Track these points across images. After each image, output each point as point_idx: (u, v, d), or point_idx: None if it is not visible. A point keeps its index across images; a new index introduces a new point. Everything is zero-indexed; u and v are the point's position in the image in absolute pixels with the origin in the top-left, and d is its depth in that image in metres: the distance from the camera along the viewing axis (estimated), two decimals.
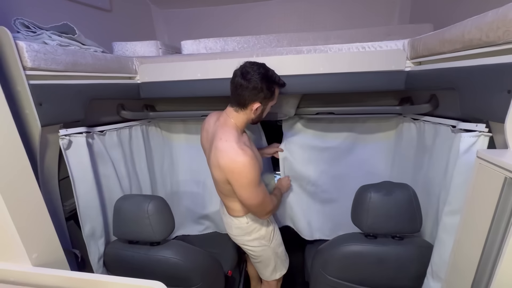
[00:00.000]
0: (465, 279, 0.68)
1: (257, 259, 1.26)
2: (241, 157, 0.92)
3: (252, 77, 0.93)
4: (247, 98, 0.96)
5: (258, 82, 0.93)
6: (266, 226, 1.20)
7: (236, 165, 0.93)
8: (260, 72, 0.94)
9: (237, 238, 1.23)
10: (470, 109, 0.78)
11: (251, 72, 0.93)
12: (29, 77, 0.82)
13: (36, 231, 0.78)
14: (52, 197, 1.00)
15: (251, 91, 0.94)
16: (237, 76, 0.96)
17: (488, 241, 0.61)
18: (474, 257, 0.64)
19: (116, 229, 1.09)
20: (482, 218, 0.61)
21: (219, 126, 1.03)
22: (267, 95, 0.98)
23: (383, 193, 0.98)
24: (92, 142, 1.14)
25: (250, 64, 0.96)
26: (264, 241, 1.20)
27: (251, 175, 0.94)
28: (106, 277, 0.67)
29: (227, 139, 0.96)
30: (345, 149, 1.53)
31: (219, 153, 0.95)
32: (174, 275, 1.05)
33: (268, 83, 0.96)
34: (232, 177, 0.96)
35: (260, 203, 1.02)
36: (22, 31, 0.96)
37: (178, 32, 2.33)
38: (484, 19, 0.67)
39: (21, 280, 0.72)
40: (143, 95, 1.33)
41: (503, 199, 0.56)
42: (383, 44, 1.11)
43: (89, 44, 1.14)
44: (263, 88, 0.95)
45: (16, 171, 0.73)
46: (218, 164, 0.96)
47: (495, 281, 0.57)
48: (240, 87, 0.95)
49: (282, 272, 1.33)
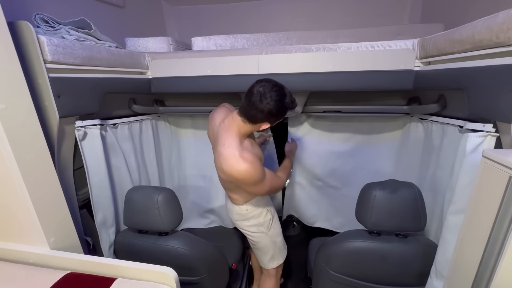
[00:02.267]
0: (466, 277, 0.69)
1: (255, 245, 1.31)
2: (242, 166, 0.95)
3: (269, 103, 0.90)
4: (259, 119, 0.97)
5: (273, 109, 0.92)
6: (264, 215, 1.25)
7: (239, 173, 0.96)
8: (278, 99, 0.91)
9: (237, 222, 1.28)
10: (478, 109, 0.79)
11: (268, 97, 0.90)
12: (49, 70, 0.85)
13: (54, 217, 0.82)
14: (67, 186, 1.04)
15: (265, 115, 0.94)
16: (254, 96, 0.92)
17: (490, 240, 0.62)
18: (476, 256, 0.65)
19: (126, 219, 1.13)
20: (486, 217, 0.62)
21: (222, 130, 1.04)
22: (278, 118, 1.00)
23: (388, 191, 0.99)
24: (105, 134, 1.18)
25: (270, 88, 0.91)
26: (262, 228, 1.25)
27: (254, 177, 0.99)
28: (121, 262, 0.71)
29: (230, 145, 0.98)
30: (352, 147, 1.55)
31: (223, 160, 0.98)
32: (181, 265, 1.08)
33: (282, 110, 0.95)
34: (237, 181, 1.01)
35: (268, 190, 1.08)
36: (42, 26, 0.99)
37: (188, 29, 2.36)
38: (495, 20, 0.68)
39: (40, 262, 0.77)
40: (154, 90, 1.36)
41: (507, 198, 0.57)
42: (393, 44, 1.12)
43: (104, 40, 1.17)
44: (276, 114, 0.95)
45: (38, 160, 0.77)
46: (222, 169, 1.00)
47: (496, 279, 0.58)
48: (255, 109, 0.93)
49: (280, 261, 1.37)
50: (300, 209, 1.75)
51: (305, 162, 1.64)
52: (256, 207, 1.22)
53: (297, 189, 1.71)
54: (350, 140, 1.55)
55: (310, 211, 1.73)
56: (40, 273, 0.71)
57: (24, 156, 0.72)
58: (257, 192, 1.09)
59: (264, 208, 1.24)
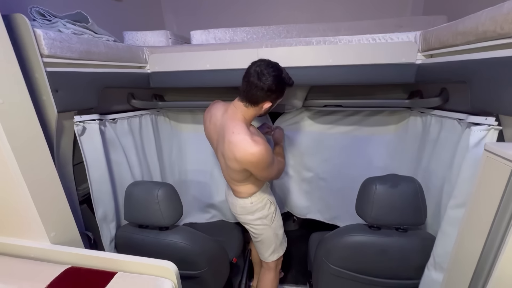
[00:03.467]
0: (467, 269, 0.69)
1: (257, 238, 1.32)
2: (255, 148, 0.97)
3: (268, 79, 0.94)
4: (260, 98, 0.99)
5: (273, 85, 0.95)
6: (268, 207, 1.26)
7: (253, 156, 0.98)
8: (275, 74, 0.95)
9: (240, 216, 1.29)
10: (481, 102, 0.78)
11: (266, 74, 0.95)
12: (46, 64, 0.84)
13: (54, 212, 0.82)
14: (67, 181, 1.04)
15: (265, 92, 0.97)
16: (252, 75, 0.96)
17: (491, 233, 0.62)
18: (477, 248, 0.65)
19: (127, 214, 1.13)
20: (487, 210, 0.62)
21: (228, 119, 1.05)
22: (279, 95, 1.02)
23: (388, 186, 0.99)
24: (104, 129, 1.17)
25: (266, 65, 0.97)
26: (266, 221, 1.26)
27: (268, 160, 1.02)
28: (122, 256, 0.71)
29: (239, 132, 0.99)
30: (350, 140, 1.55)
31: (234, 147, 0.99)
32: (181, 259, 1.09)
33: (281, 85, 0.99)
34: (251, 166, 1.02)
35: (277, 173, 1.16)
36: (38, 19, 0.98)
37: (187, 22, 2.33)
38: (500, 11, 0.66)
39: (40, 256, 0.77)
40: (152, 85, 1.35)
41: (508, 191, 0.57)
42: (394, 36, 1.10)
43: (101, 33, 1.16)
44: (276, 90, 0.98)
45: (36, 154, 0.76)
46: (235, 157, 1.00)
47: (496, 271, 0.58)
48: (255, 87, 0.96)
49: (280, 254, 1.39)
50: (293, 203, 1.77)
51: (305, 156, 1.64)
52: (261, 200, 1.23)
53: (290, 182, 1.72)
54: (349, 133, 1.55)
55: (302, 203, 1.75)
56: (41, 268, 0.71)
57: (22, 151, 0.71)
58: (268, 176, 1.13)
59: (267, 200, 1.26)
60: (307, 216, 1.75)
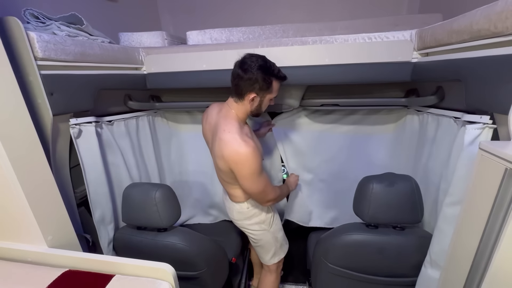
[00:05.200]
0: (463, 266, 0.69)
1: (257, 243, 1.30)
2: (243, 149, 0.95)
3: (249, 68, 0.95)
4: (243, 88, 0.99)
5: (254, 73, 0.95)
6: (266, 212, 1.24)
7: (239, 156, 0.95)
8: (258, 64, 0.96)
9: (238, 222, 1.27)
10: (475, 100, 0.78)
11: (248, 62, 0.96)
12: (40, 67, 0.84)
13: (51, 215, 0.82)
14: (64, 184, 1.04)
15: (246, 81, 0.97)
16: (235, 66, 0.99)
17: (486, 230, 0.62)
18: (473, 245, 0.66)
19: (125, 215, 1.13)
20: (482, 208, 0.62)
21: (221, 117, 1.05)
22: (263, 86, 0.99)
23: (385, 184, 0.99)
24: (101, 131, 1.17)
25: (250, 56, 0.99)
26: (264, 225, 1.25)
27: (253, 166, 0.98)
28: (119, 259, 0.71)
29: (230, 130, 0.98)
30: (348, 139, 1.55)
31: (223, 144, 0.98)
32: (180, 260, 1.09)
33: (264, 74, 0.97)
34: (235, 167, 0.99)
35: (261, 191, 1.06)
36: (32, 21, 0.97)
37: (183, 23, 2.32)
38: (494, 9, 0.66)
39: (38, 260, 0.77)
40: (149, 86, 1.35)
41: (502, 190, 0.57)
42: (390, 35, 1.10)
43: (96, 35, 1.15)
44: (258, 79, 0.96)
45: (31, 158, 0.76)
46: (222, 155, 0.99)
47: (491, 268, 0.58)
48: (238, 77, 0.98)
49: (281, 256, 1.37)
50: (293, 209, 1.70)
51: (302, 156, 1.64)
52: (257, 204, 1.20)
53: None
54: (347, 132, 1.55)
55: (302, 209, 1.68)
56: (38, 271, 0.71)
57: (18, 154, 0.71)
58: (250, 187, 1.04)
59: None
60: (309, 224, 1.69)
